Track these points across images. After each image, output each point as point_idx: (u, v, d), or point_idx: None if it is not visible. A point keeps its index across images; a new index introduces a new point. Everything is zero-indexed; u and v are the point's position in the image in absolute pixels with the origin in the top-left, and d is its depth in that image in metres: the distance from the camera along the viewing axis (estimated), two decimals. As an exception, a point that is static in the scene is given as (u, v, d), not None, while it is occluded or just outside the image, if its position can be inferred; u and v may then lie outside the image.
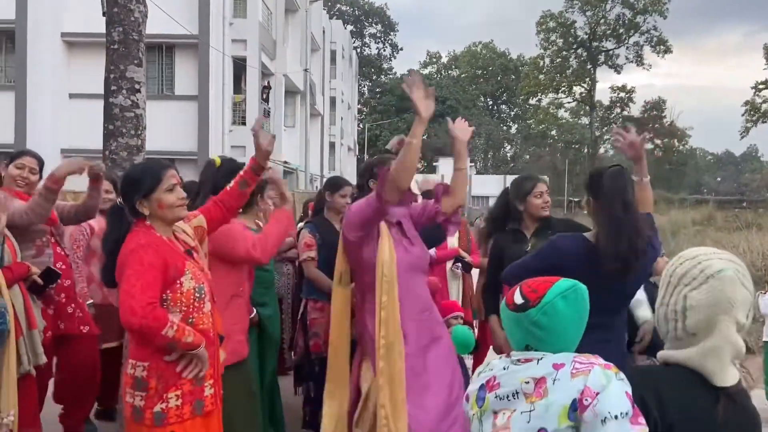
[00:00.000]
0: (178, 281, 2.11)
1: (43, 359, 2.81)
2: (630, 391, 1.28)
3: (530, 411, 1.31)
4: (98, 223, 3.72)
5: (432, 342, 2.61)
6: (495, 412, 1.38)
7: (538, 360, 1.36)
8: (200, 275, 2.20)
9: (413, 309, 2.58)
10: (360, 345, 2.76)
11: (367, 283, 2.61)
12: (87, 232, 3.75)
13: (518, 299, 1.42)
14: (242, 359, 2.82)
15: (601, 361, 1.34)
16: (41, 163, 3.33)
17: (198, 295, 2.15)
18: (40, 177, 3.32)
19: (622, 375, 1.31)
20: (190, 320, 2.13)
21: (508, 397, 1.36)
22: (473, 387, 1.47)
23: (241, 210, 2.70)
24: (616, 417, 1.24)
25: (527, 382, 1.34)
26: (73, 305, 3.39)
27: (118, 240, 2.15)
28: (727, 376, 1.34)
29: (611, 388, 1.27)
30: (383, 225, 2.62)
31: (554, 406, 1.29)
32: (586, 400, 1.27)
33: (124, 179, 2.29)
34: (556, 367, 1.33)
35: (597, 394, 1.26)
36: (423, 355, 2.56)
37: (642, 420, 1.26)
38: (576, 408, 1.27)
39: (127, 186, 2.21)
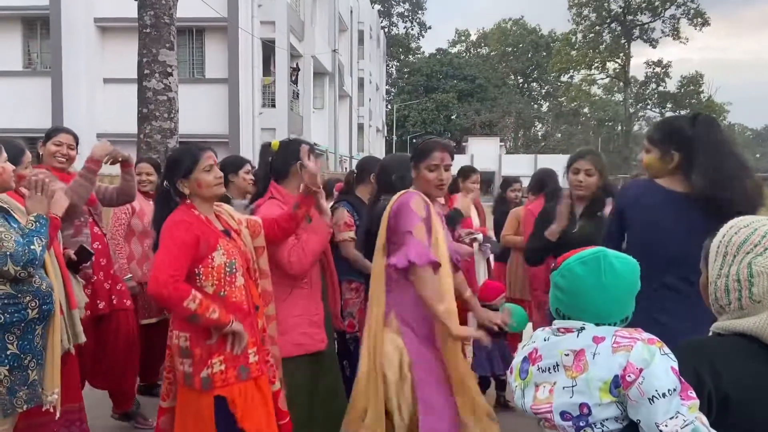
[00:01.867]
0: (210, 256, 2.25)
1: (83, 338, 2.89)
2: (676, 366, 1.26)
3: (572, 386, 1.31)
4: (139, 203, 3.83)
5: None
6: (537, 385, 1.39)
7: (579, 332, 1.36)
8: (234, 252, 2.32)
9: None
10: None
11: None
12: (129, 212, 3.87)
13: (553, 264, 1.46)
14: (308, 353, 2.76)
15: (644, 335, 1.32)
16: (77, 139, 3.42)
17: (229, 270, 2.28)
18: (77, 153, 3.41)
19: (666, 349, 1.28)
20: (222, 293, 2.26)
21: (549, 369, 1.37)
22: (517, 360, 1.48)
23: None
24: (664, 395, 1.22)
25: (566, 355, 1.34)
26: (110, 282, 3.49)
27: (165, 218, 2.31)
28: None
29: (656, 364, 1.25)
30: (436, 218, 2.55)
31: (595, 381, 1.28)
32: (630, 376, 1.25)
33: (166, 162, 2.47)
34: (597, 340, 1.32)
35: (641, 370, 1.25)
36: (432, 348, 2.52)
37: (692, 393, 1.24)
38: (618, 384, 1.26)
39: (168, 168, 2.40)
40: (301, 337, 2.75)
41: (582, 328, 1.36)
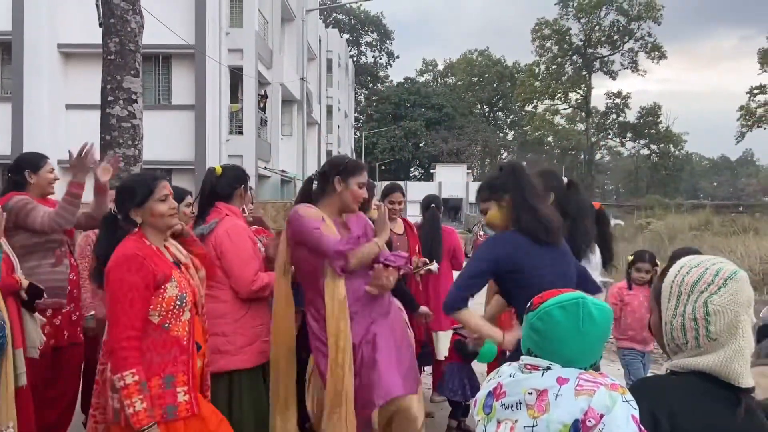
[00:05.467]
0: (163, 287, 2.18)
1: (23, 381, 2.69)
2: (637, 414, 1.25)
3: (533, 426, 1.30)
4: None
5: (376, 318, 2.72)
6: (499, 421, 1.37)
7: (544, 371, 1.35)
8: (185, 285, 2.27)
9: (354, 298, 2.67)
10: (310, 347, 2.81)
11: (310, 288, 2.72)
12: (93, 244, 3.79)
13: (529, 303, 1.45)
14: (268, 360, 2.93)
15: (608, 380, 1.31)
16: None
17: (179, 303, 2.21)
18: None
19: (628, 396, 1.28)
20: (166, 325, 2.18)
21: (512, 406, 1.35)
22: (482, 393, 1.46)
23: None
24: None
25: (530, 393, 1.33)
26: (77, 313, 3.47)
27: (110, 246, 2.23)
28: (750, 378, 1.33)
29: (616, 411, 1.24)
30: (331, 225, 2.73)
31: (555, 424, 1.27)
32: (590, 421, 1.24)
33: (119, 189, 2.38)
34: (560, 381, 1.31)
35: (601, 416, 1.24)
36: (371, 341, 2.66)
37: None
38: (578, 428, 1.25)
39: (121, 195, 2.32)
40: (264, 345, 2.93)
41: (548, 368, 1.35)
